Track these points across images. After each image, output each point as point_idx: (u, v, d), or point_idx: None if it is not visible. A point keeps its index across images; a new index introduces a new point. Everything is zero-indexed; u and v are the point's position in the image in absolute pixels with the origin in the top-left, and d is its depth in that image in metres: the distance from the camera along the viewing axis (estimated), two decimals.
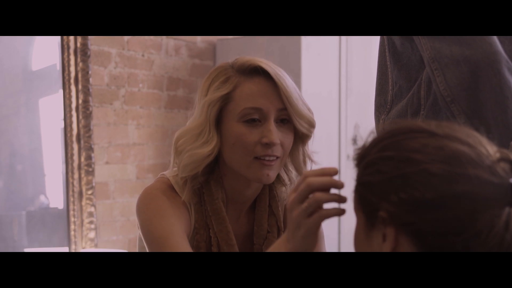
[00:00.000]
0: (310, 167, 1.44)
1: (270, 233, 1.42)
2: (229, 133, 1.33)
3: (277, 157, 1.33)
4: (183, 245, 1.30)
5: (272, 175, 1.33)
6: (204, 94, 1.35)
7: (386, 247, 0.89)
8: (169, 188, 1.37)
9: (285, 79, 1.34)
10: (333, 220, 3.78)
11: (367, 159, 0.92)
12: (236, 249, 1.37)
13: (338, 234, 3.80)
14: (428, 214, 0.85)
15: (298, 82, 3.54)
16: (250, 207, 1.44)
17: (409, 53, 1.49)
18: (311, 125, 1.38)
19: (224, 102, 1.33)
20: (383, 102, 1.57)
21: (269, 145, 1.31)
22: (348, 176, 3.82)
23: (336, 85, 3.77)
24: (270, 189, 1.44)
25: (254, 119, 1.32)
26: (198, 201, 1.38)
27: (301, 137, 1.40)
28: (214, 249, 1.37)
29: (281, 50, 3.57)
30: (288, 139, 1.35)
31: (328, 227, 3.75)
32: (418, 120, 1.44)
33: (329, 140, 3.73)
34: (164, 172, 1.43)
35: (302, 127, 1.36)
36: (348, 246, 3.81)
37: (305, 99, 1.39)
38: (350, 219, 3.57)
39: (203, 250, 1.36)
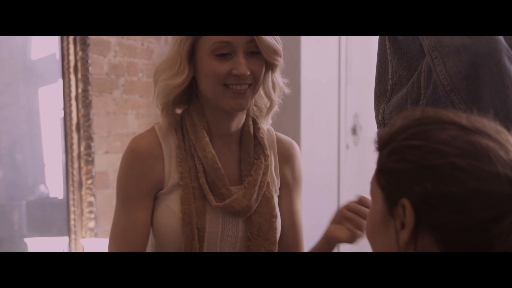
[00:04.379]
0: (280, 95, 1.53)
1: (258, 160, 1.49)
2: (201, 66, 1.40)
3: (249, 85, 1.41)
4: (139, 208, 1.44)
5: (245, 103, 1.41)
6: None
7: (404, 236, 0.88)
8: (148, 138, 1.46)
9: None
10: (333, 209, 3.78)
11: (392, 145, 0.90)
12: (222, 172, 1.43)
13: None
14: (452, 209, 0.84)
15: (297, 69, 3.54)
16: (237, 142, 1.50)
17: (409, 42, 1.48)
18: (277, 54, 1.44)
19: (196, 38, 1.40)
20: (383, 91, 1.57)
21: (239, 76, 1.38)
22: (348, 166, 3.82)
23: (336, 73, 3.76)
24: (254, 122, 1.52)
25: (225, 54, 1.38)
26: (180, 136, 1.46)
27: (270, 66, 1.46)
28: (201, 176, 1.43)
29: (280, 37, 3.56)
30: (258, 68, 1.42)
31: (327, 215, 3.75)
32: (420, 108, 1.43)
33: (329, 129, 3.73)
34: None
35: (269, 57, 1.42)
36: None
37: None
38: None
39: (186, 180, 1.43)
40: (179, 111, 1.49)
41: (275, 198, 1.51)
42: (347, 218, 1.41)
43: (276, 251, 1.47)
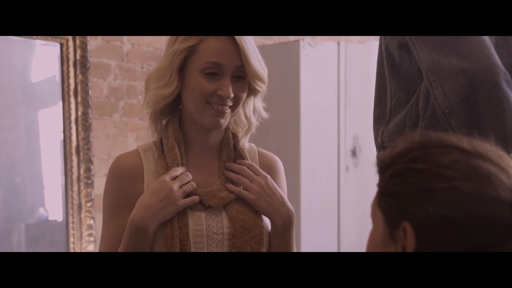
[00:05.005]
0: (258, 119, 1.59)
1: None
2: (190, 81, 1.47)
3: (229, 107, 1.48)
4: (124, 218, 1.49)
5: (223, 122, 1.48)
6: (172, 43, 1.49)
7: None
8: (130, 156, 1.54)
9: (246, 39, 1.47)
10: (333, 231, 3.77)
11: (394, 168, 0.90)
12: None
13: (338, 245, 3.79)
14: (454, 232, 0.84)
15: (297, 92, 3.55)
16: (217, 153, 1.57)
17: (407, 65, 1.49)
18: (262, 81, 1.51)
19: (189, 53, 1.46)
20: (382, 114, 1.57)
21: (223, 97, 1.45)
22: (348, 188, 3.82)
23: (335, 95, 3.77)
24: (234, 136, 1.59)
25: (214, 73, 1.45)
26: (160, 148, 1.54)
27: (253, 91, 1.53)
28: None
29: (280, 61, 3.58)
30: (241, 93, 1.49)
31: (328, 237, 3.74)
32: (418, 131, 1.44)
33: (329, 151, 3.73)
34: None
35: (255, 84, 1.49)
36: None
37: (261, 57, 1.51)
38: (349, 231, 3.56)
39: None
40: (164, 121, 1.57)
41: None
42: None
43: (264, 251, 1.50)
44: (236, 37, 1.44)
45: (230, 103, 1.47)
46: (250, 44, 1.47)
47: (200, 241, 1.46)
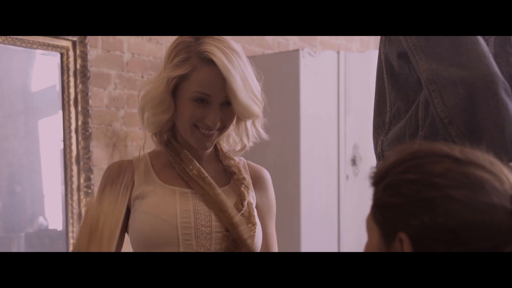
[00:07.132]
0: (251, 140, 1.64)
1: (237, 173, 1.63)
2: (180, 106, 1.53)
3: (217, 130, 1.54)
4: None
5: (209, 145, 1.56)
6: (167, 64, 1.54)
7: None
8: (121, 160, 1.63)
9: (236, 73, 1.47)
10: (333, 240, 3.77)
11: (387, 180, 0.91)
12: (209, 179, 1.56)
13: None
14: (450, 241, 0.84)
15: (297, 102, 3.55)
16: (208, 162, 1.64)
17: (406, 75, 1.49)
18: (252, 115, 1.54)
19: (181, 79, 1.51)
20: (381, 123, 1.58)
21: (209, 125, 1.51)
22: (348, 196, 3.82)
23: (335, 104, 3.77)
24: (219, 149, 1.66)
25: (203, 100, 1.49)
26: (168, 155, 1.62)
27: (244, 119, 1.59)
28: (194, 183, 1.56)
29: (280, 70, 3.59)
30: (229, 119, 1.54)
31: (328, 246, 3.74)
32: (418, 140, 1.44)
33: (328, 160, 3.73)
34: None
35: (242, 115, 1.53)
36: None
37: (256, 88, 1.53)
38: (349, 239, 3.55)
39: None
40: (165, 136, 1.63)
41: (254, 204, 1.60)
42: None
43: (253, 243, 1.52)
44: (224, 72, 1.45)
45: (217, 128, 1.52)
46: (240, 75, 1.48)
47: (188, 233, 1.49)
